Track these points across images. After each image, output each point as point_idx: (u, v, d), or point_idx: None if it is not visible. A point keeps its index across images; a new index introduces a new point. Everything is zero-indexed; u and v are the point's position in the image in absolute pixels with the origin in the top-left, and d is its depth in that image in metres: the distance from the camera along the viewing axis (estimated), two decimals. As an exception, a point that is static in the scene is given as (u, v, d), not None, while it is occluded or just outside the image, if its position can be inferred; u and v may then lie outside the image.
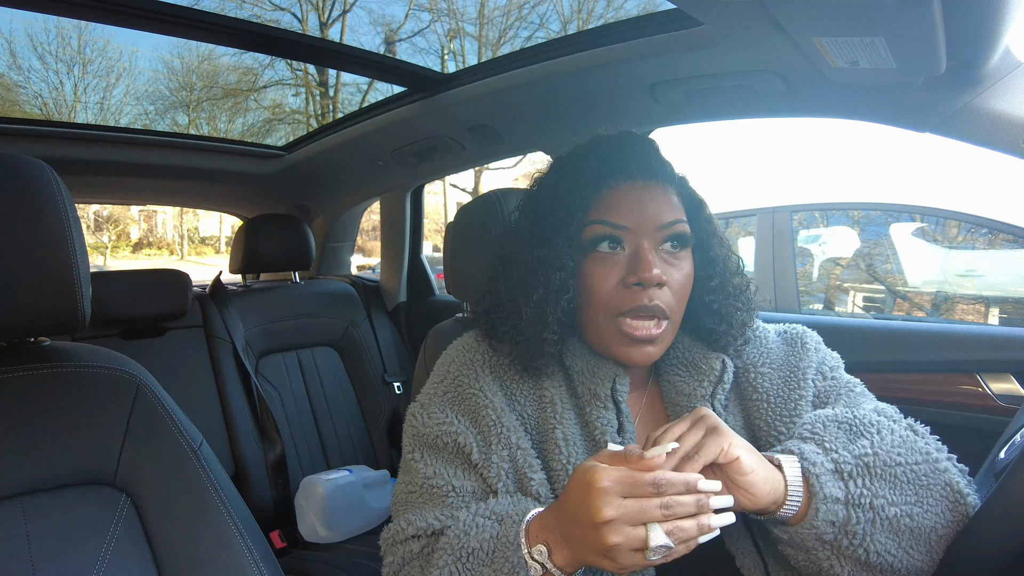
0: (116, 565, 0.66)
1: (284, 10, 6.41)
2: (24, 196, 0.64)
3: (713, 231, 0.76)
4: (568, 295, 0.69)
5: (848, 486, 0.58)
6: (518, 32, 8.67)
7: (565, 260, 0.69)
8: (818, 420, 0.64)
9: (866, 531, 0.57)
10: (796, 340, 0.76)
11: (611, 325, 0.68)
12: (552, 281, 0.68)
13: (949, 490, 0.60)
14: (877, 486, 0.58)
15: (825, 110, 1.07)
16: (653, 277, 0.65)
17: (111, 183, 1.96)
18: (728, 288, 0.74)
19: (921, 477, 0.59)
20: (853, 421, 0.63)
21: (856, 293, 3.55)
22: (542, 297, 0.68)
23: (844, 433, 0.62)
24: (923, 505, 0.59)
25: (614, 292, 0.67)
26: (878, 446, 0.60)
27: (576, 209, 0.69)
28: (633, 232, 0.68)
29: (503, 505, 0.63)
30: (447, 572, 0.59)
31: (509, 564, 0.56)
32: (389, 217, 2.14)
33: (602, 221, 0.68)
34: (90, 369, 0.72)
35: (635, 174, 0.69)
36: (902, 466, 0.59)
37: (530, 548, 0.56)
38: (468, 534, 0.60)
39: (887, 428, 0.63)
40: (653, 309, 0.66)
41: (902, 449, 0.60)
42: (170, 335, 1.66)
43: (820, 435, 0.62)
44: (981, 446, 0.84)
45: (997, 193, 2.76)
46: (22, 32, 7.35)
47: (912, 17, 0.66)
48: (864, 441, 0.61)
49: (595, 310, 0.69)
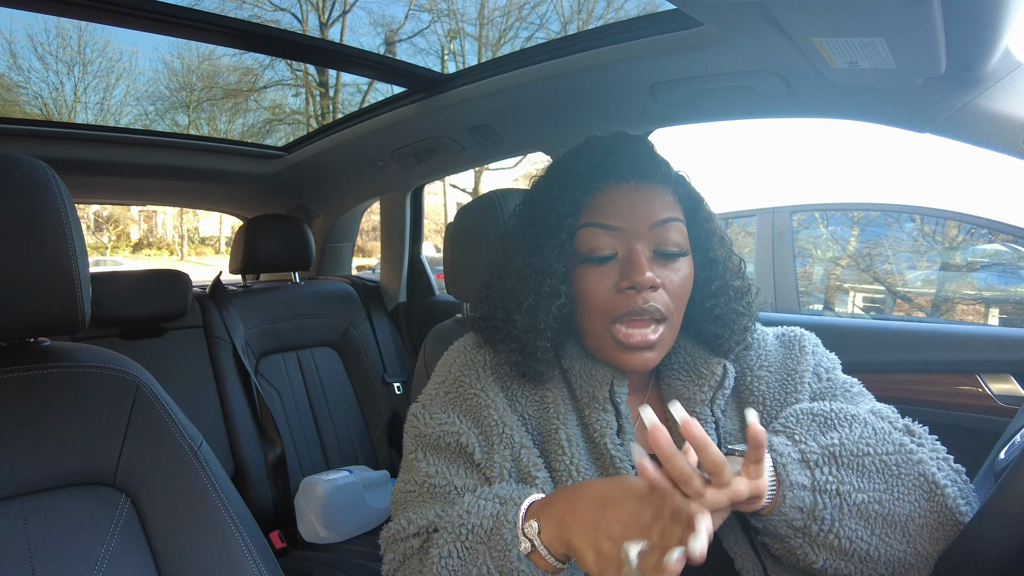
0: (116, 565, 0.66)
1: (284, 10, 6.41)
2: (24, 196, 0.64)
3: (712, 231, 0.74)
4: (560, 301, 0.68)
5: (815, 474, 0.59)
6: (518, 32, 8.68)
7: (556, 266, 0.68)
8: (792, 414, 0.66)
9: (834, 516, 0.58)
10: (794, 343, 0.75)
11: (607, 332, 0.67)
12: (543, 287, 0.68)
13: (923, 480, 0.60)
14: (843, 474, 0.59)
15: (825, 110, 1.07)
16: (646, 280, 0.64)
17: (111, 183, 1.96)
18: (729, 292, 0.73)
19: (892, 467, 0.60)
20: (829, 414, 0.64)
21: (856, 293, 3.56)
22: (533, 304, 0.68)
23: (818, 426, 0.63)
24: (893, 493, 0.59)
25: (608, 297, 0.67)
26: (846, 437, 0.62)
27: (566, 214, 0.69)
28: (625, 233, 0.67)
29: (507, 489, 0.63)
30: (446, 551, 0.59)
31: (503, 542, 0.56)
32: (389, 217, 2.14)
33: (593, 223, 0.68)
34: (90, 369, 0.72)
35: (627, 175, 0.68)
36: (870, 456, 0.60)
37: (524, 525, 0.57)
38: (470, 512, 0.60)
39: (861, 421, 0.63)
40: (648, 311, 0.65)
41: (872, 440, 0.62)
42: (170, 335, 1.66)
43: (792, 428, 0.64)
44: (981, 446, 0.84)
45: (997, 193, 2.76)
46: (22, 32, 7.36)
47: (912, 17, 0.66)
48: (834, 434, 0.62)
49: (591, 316, 0.68)
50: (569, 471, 0.66)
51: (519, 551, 0.56)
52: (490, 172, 12.22)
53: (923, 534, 0.60)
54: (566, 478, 0.66)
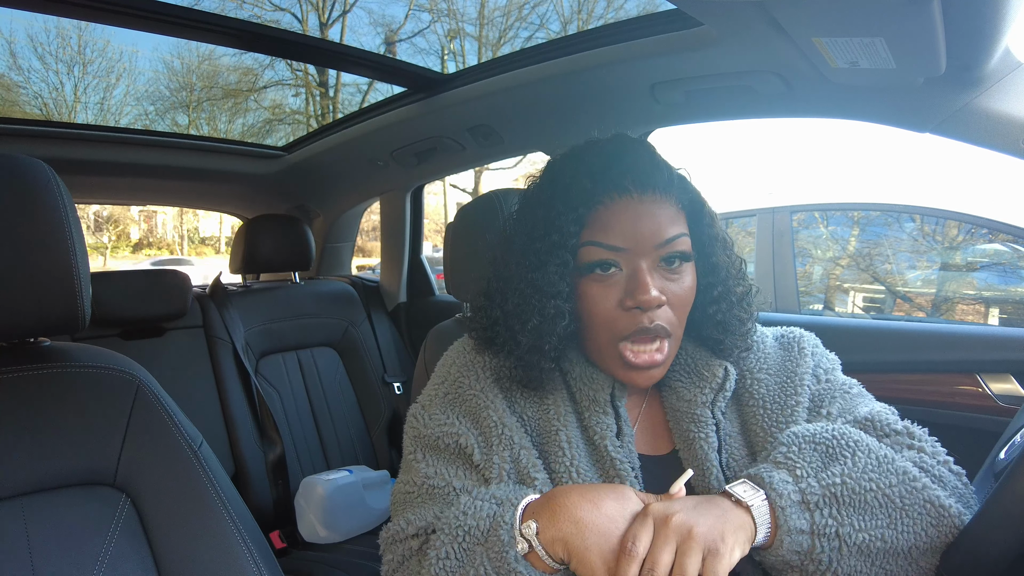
0: (116, 565, 0.66)
1: (284, 10, 6.40)
2: (24, 196, 0.64)
3: (715, 235, 0.73)
4: (564, 322, 0.67)
5: (814, 516, 0.57)
6: (518, 32, 8.67)
7: (560, 286, 0.67)
8: (795, 442, 0.63)
9: (832, 559, 0.57)
10: (793, 344, 0.75)
11: (613, 350, 0.67)
12: (547, 309, 0.67)
13: (930, 507, 0.59)
14: (844, 514, 0.58)
15: (825, 110, 1.07)
16: (652, 299, 0.63)
17: (111, 183, 1.96)
18: (731, 297, 0.72)
19: (895, 500, 0.59)
20: (831, 442, 0.62)
21: (856, 293, 3.56)
22: (537, 325, 0.67)
23: (820, 456, 0.61)
24: (897, 528, 0.58)
25: (613, 315, 0.66)
26: (848, 473, 0.59)
27: (570, 233, 0.67)
28: (630, 252, 0.66)
29: (503, 490, 0.63)
30: (444, 552, 0.59)
31: (500, 543, 0.56)
32: (389, 217, 2.14)
33: (597, 243, 0.66)
34: (90, 369, 0.72)
35: (630, 188, 0.66)
36: (873, 492, 0.58)
37: (522, 525, 0.57)
38: (467, 514, 0.60)
39: (864, 449, 0.62)
40: (655, 330, 0.65)
41: (875, 474, 0.60)
42: (170, 335, 1.66)
43: (793, 461, 0.61)
44: (981, 446, 0.84)
45: (997, 193, 2.76)
46: (22, 32, 7.36)
47: (912, 17, 0.66)
48: (836, 468, 0.60)
49: (596, 332, 0.68)
50: (569, 472, 0.66)
51: (516, 552, 0.56)
52: (490, 172, 12.23)
53: (926, 555, 0.59)
54: (566, 479, 0.66)
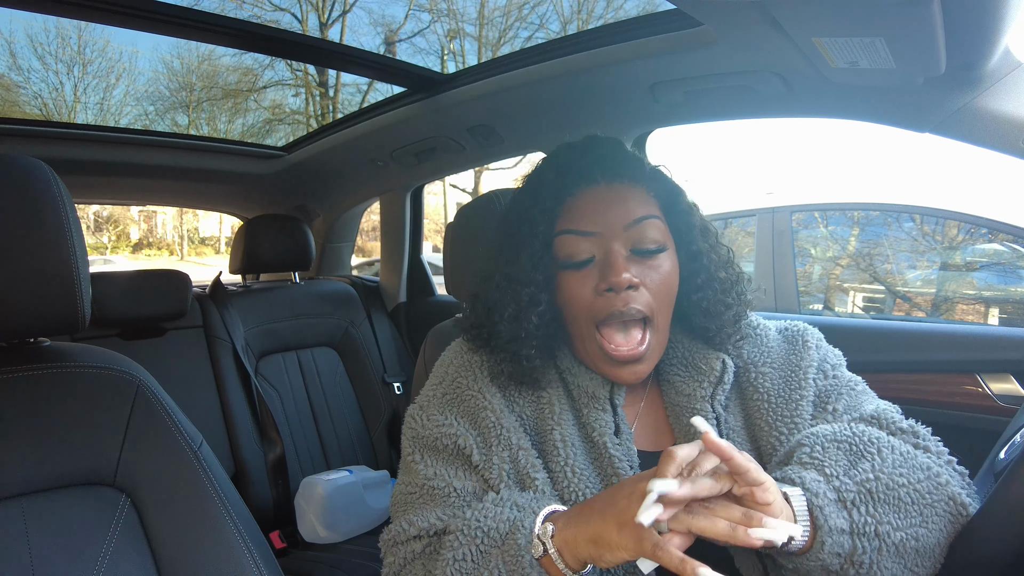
0: (116, 565, 0.66)
1: (284, 10, 6.40)
2: (24, 196, 0.64)
3: (693, 224, 0.73)
4: (540, 308, 0.68)
5: (852, 515, 0.56)
6: (518, 32, 8.66)
7: (533, 275, 0.69)
8: (818, 442, 0.62)
9: (872, 560, 0.56)
10: (797, 338, 0.75)
11: (593, 338, 0.67)
12: (521, 297, 0.68)
13: (952, 504, 0.59)
14: (881, 512, 0.56)
15: (825, 110, 1.07)
16: (623, 281, 0.64)
17: (111, 183, 1.96)
18: (715, 284, 0.72)
19: (924, 495, 0.58)
20: (853, 440, 0.62)
21: (856, 293, 3.56)
22: (514, 314, 0.69)
23: (844, 455, 0.61)
24: (928, 525, 0.58)
25: (589, 300, 0.67)
26: (879, 468, 0.59)
27: (539, 222, 0.69)
28: (601, 236, 0.67)
29: (526, 497, 0.63)
30: (460, 553, 0.59)
31: (517, 546, 0.57)
32: (389, 217, 2.14)
33: (568, 230, 0.68)
34: (90, 369, 0.72)
35: (597, 178, 0.69)
36: (905, 487, 0.58)
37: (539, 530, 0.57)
38: (487, 516, 0.60)
39: (887, 446, 0.61)
40: (629, 314, 0.65)
41: (904, 469, 0.59)
42: (170, 335, 1.66)
43: (820, 460, 0.60)
44: (981, 446, 0.84)
45: (997, 193, 2.76)
46: (22, 32, 7.36)
47: (912, 17, 0.66)
48: (865, 464, 0.59)
49: (576, 322, 0.69)
50: (565, 472, 0.66)
51: (531, 557, 0.56)
52: (490, 172, 12.21)
53: (945, 553, 0.59)
54: (562, 479, 0.66)
